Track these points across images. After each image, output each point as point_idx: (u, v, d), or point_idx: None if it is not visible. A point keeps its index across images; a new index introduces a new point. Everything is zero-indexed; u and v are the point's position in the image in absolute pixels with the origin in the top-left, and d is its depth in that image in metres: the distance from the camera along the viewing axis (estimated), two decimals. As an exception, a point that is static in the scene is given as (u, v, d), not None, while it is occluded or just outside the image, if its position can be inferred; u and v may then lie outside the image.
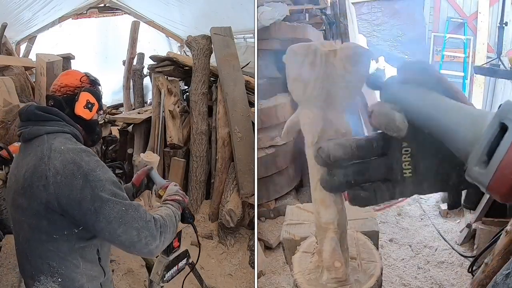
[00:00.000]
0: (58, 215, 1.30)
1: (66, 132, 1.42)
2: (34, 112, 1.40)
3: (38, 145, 1.35)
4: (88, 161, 1.31)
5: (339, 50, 0.71)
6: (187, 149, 3.97)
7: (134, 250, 1.37)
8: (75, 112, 1.49)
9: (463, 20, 6.72)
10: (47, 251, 1.36)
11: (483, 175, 0.47)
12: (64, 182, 1.27)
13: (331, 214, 0.80)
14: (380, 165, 0.64)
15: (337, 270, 0.80)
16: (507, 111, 0.46)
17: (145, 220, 1.35)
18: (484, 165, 0.47)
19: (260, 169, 3.35)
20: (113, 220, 1.29)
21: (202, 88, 3.78)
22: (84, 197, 1.26)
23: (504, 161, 0.44)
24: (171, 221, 1.51)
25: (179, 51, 6.43)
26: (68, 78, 1.53)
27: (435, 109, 0.54)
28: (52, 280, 1.37)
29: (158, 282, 2.16)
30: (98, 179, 1.29)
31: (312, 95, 0.73)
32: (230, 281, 3.14)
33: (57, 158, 1.29)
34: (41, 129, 1.38)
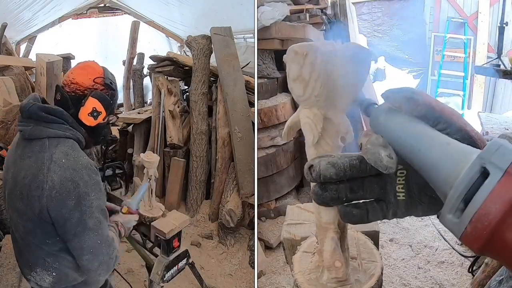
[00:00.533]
0: (50, 225, 1.33)
1: (68, 137, 1.37)
2: (37, 112, 1.34)
3: (39, 150, 1.32)
4: (86, 182, 1.31)
5: (340, 50, 0.71)
6: (187, 149, 3.97)
7: (84, 274, 1.43)
8: (78, 116, 1.43)
9: (463, 20, 6.72)
10: (41, 250, 1.39)
11: (455, 225, 0.41)
12: (57, 198, 1.28)
13: (332, 214, 0.80)
14: (374, 185, 0.61)
15: (338, 270, 0.80)
16: (491, 153, 0.40)
17: (110, 257, 1.41)
18: (458, 213, 0.41)
19: (260, 169, 3.35)
20: (86, 248, 1.34)
21: (202, 88, 3.78)
22: (71, 217, 1.29)
23: (479, 212, 0.39)
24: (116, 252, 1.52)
25: (179, 51, 6.42)
26: (81, 75, 1.45)
27: (418, 143, 0.50)
28: (47, 274, 1.41)
29: (158, 282, 2.16)
30: (89, 206, 1.31)
31: (313, 95, 0.73)
32: (230, 281, 3.14)
33: (57, 172, 1.28)
34: (43, 131, 1.33)
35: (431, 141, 0.48)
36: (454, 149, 0.46)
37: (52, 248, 1.38)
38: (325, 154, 0.64)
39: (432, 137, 0.49)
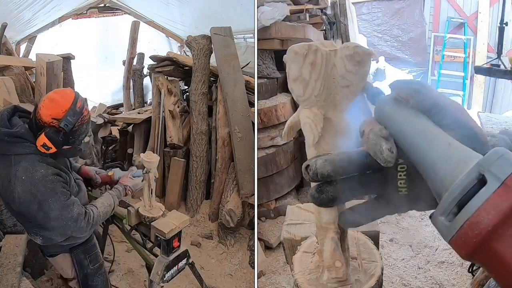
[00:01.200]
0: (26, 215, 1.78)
1: (30, 154, 1.70)
2: (2, 138, 1.67)
3: (8, 165, 1.69)
4: (42, 192, 1.69)
5: (340, 50, 0.71)
6: (187, 149, 3.97)
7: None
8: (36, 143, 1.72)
9: (463, 20, 6.73)
10: (29, 223, 1.85)
11: (446, 228, 0.42)
12: (24, 204, 1.70)
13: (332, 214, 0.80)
14: (374, 181, 0.59)
15: (338, 270, 0.80)
16: (491, 161, 0.40)
17: (79, 227, 1.83)
18: (451, 216, 0.41)
19: (260, 169, 3.35)
20: (55, 229, 1.80)
21: (202, 88, 3.78)
22: (37, 216, 1.73)
23: (471, 219, 0.39)
24: (104, 212, 1.97)
25: (179, 51, 6.42)
26: (46, 109, 1.69)
27: (419, 139, 0.49)
28: (37, 237, 1.89)
29: (158, 282, 2.16)
30: (49, 207, 1.70)
31: (313, 95, 0.73)
32: (230, 281, 3.14)
33: (19, 186, 1.67)
34: (9, 149, 1.69)
35: (433, 139, 0.48)
36: (455, 150, 0.45)
37: (34, 225, 1.84)
38: (323, 153, 0.63)
39: (435, 135, 0.48)
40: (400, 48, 7.39)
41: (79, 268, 2.08)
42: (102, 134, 4.88)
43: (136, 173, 2.19)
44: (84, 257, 2.09)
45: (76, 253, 2.05)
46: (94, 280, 2.15)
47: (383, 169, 0.56)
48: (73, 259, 2.06)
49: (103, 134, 4.88)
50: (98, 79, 6.43)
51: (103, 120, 5.05)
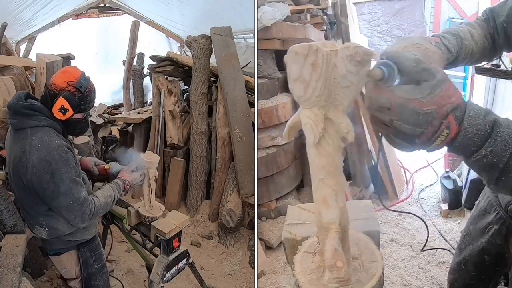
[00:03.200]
0: (35, 192, 1.78)
1: (45, 126, 1.77)
2: (19, 109, 1.77)
3: (23, 138, 1.75)
4: (57, 160, 1.73)
5: (341, 50, 0.71)
6: (187, 149, 3.97)
7: (70, 225, 1.91)
8: (52, 111, 1.80)
9: (463, 20, 6.72)
10: (34, 211, 1.88)
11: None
12: (37, 174, 1.72)
13: (333, 214, 0.80)
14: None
15: (339, 270, 0.80)
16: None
17: (83, 212, 1.83)
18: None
19: (261, 169, 3.35)
20: (61, 207, 1.80)
21: (202, 88, 3.78)
22: (48, 187, 1.74)
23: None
24: (105, 203, 1.95)
25: (179, 51, 6.42)
26: (60, 78, 1.84)
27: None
28: (42, 228, 1.92)
29: (158, 282, 2.16)
30: (60, 178, 1.74)
31: (313, 95, 0.73)
32: (230, 281, 3.13)
33: (35, 154, 1.71)
34: (25, 123, 1.76)
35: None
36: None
37: (41, 209, 1.85)
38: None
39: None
40: (401, 48, 7.38)
41: (84, 266, 2.09)
42: (102, 134, 4.88)
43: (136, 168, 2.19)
44: (90, 256, 2.10)
45: (82, 251, 2.07)
46: (97, 280, 2.16)
47: None
48: (79, 257, 2.07)
49: (103, 134, 4.88)
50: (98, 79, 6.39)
51: (103, 120, 5.05)
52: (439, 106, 0.75)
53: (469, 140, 0.77)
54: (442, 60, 1.11)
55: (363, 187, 4.02)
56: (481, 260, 1.56)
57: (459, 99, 0.77)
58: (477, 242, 1.56)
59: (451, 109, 0.76)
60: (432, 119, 0.75)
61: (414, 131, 0.76)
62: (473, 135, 0.76)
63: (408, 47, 0.99)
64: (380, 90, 0.78)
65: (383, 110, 0.78)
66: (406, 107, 0.75)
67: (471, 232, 1.62)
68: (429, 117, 0.75)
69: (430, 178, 4.54)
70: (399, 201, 4.08)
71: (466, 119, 0.76)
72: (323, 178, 0.80)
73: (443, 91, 0.75)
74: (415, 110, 0.75)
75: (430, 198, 4.14)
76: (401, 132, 0.77)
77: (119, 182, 2.07)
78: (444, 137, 0.77)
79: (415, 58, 0.77)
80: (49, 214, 1.87)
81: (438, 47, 1.12)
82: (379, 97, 0.78)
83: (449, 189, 3.74)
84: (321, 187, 0.81)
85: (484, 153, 0.77)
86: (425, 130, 0.76)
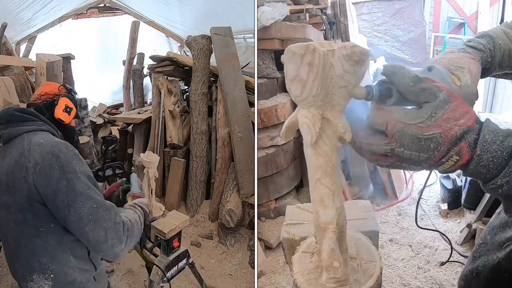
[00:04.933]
0: (41, 206, 1.34)
1: (44, 130, 1.48)
2: (13, 113, 1.47)
3: (19, 142, 1.40)
4: (65, 153, 1.36)
5: (337, 50, 0.71)
6: (187, 149, 3.97)
7: (99, 251, 1.39)
8: (54, 115, 1.59)
9: (463, 20, 6.72)
10: (36, 247, 1.38)
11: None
12: (42, 172, 1.31)
13: (330, 214, 0.80)
14: None
15: (336, 270, 0.80)
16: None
17: (114, 222, 1.37)
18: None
19: (260, 169, 3.35)
20: (84, 216, 1.31)
21: (202, 88, 3.78)
22: (59, 188, 1.30)
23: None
24: (137, 226, 1.53)
25: (179, 51, 6.43)
26: (47, 88, 1.66)
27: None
28: (45, 277, 1.39)
29: (158, 282, 2.16)
30: (74, 171, 1.33)
31: (310, 95, 0.73)
32: (230, 281, 3.14)
33: (37, 150, 1.35)
34: (21, 129, 1.44)
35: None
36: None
37: (47, 240, 1.37)
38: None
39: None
40: (400, 48, 7.39)
41: None
42: (102, 134, 4.89)
43: (132, 178, 2.00)
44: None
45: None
46: None
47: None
48: None
49: (103, 134, 4.89)
50: (98, 79, 6.45)
51: (103, 120, 5.06)
52: (445, 130, 0.67)
53: (483, 168, 0.69)
54: (475, 62, 1.01)
55: (362, 187, 4.02)
56: (495, 275, 1.45)
57: (470, 121, 0.68)
58: (493, 255, 1.44)
59: (460, 133, 0.67)
60: (438, 144, 0.68)
61: (419, 157, 0.69)
62: (488, 162, 0.68)
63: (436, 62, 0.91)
64: (379, 110, 0.73)
65: (380, 138, 0.71)
66: (405, 132, 0.68)
67: (487, 243, 1.51)
68: (433, 142, 0.67)
69: (430, 178, 4.53)
70: (399, 201, 4.08)
71: (480, 145, 0.68)
72: (320, 178, 0.80)
73: (448, 113, 0.68)
74: (415, 135, 0.68)
75: (430, 198, 4.14)
76: (404, 159, 0.70)
77: (138, 207, 1.69)
78: (454, 163, 0.69)
79: (413, 76, 0.70)
80: (56, 252, 1.39)
81: (464, 51, 1.04)
82: (376, 116, 0.72)
83: (449, 189, 3.75)
84: (318, 187, 0.81)
85: (499, 183, 0.68)
86: (431, 155, 0.68)
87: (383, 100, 0.74)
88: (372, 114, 0.73)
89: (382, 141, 0.71)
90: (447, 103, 0.68)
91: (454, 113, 0.68)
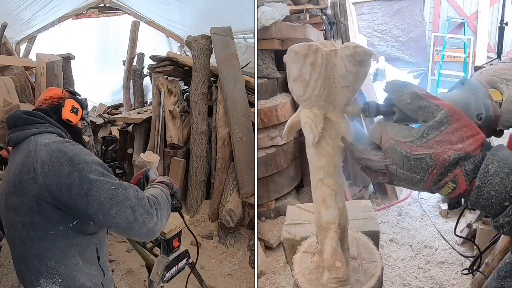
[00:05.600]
0: (50, 208, 1.30)
1: (51, 132, 1.47)
2: (21, 116, 1.47)
3: (26, 145, 1.39)
4: (72, 148, 1.34)
5: (340, 50, 0.71)
6: (187, 149, 3.97)
7: (133, 232, 1.31)
8: (62, 117, 1.58)
9: (463, 20, 6.72)
10: (44, 250, 1.34)
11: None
12: (51, 170, 1.28)
13: (332, 214, 0.80)
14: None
15: (338, 270, 0.80)
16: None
17: (137, 198, 1.31)
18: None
19: (260, 169, 3.35)
20: (105, 200, 1.26)
21: (202, 88, 3.78)
22: (72, 181, 1.26)
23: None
24: (162, 198, 1.46)
25: (179, 51, 6.42)
26: (51, 92, 1.66)
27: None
28: (52, 282, 1.35)
29: (158, 282, 2.16)
30: (84, 162, 1.29)
31: (313, 95, 0.73)
32: (230, 281, 3.13)
33: (43, 150, 1.32)
34: (28, 132, 1.43)
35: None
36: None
37: (55, 243, 1.33)
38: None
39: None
40: (400, 48, 7.39)
41: None
42: (102, 134, 4.88)
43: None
44: None
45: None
46: None
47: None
48: None
49: (103, 134, 4.89)
50: (98, 79, 6.45)
51: (103, 120, 5.06)
52: (436, 153, 0.63)
53: (486, 201, 0.61)
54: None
55: (362, 187, 4.02)
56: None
57: (471, 147, 0.62)
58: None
59: (455, 159, 0.62)
60: (428, 166, 0.63)
61: (411, 177, 0.66)
62: (490, 196, 0.61)
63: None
64: (378, 124, 0.72)
65: (376, 155, 0.71)
66: (395, 149, 0.66)
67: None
68: (422, 163, 0.64)
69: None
70: (399, 201, 4.08)
71: (480, 176, 0.61)
72: (322, 178, 0.80)
73: (443, 135, 0.63)
74: (405, 154, 0.65)
75: (430, 198, 4.14)
76: (399, 177, 0.68)
77: (157, 183, 1.62)
78: (451, 190, 0.64)
79: (411, 93, 0.66)
80: (65, 255, 1.35)
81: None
82: (373, 130, 0.72)
83: (449, 189, 3.75)
84: (320, 187, 0.81)
85: (501, 222, 0.61)
86: (423, 177, 0.65)
87: (387, 116, 0.73)
88: (372, 127, 0.72)
89: (377, 157, 0.70)
90: (443, 124, 0.64)
91: (451, 136, 0.63)
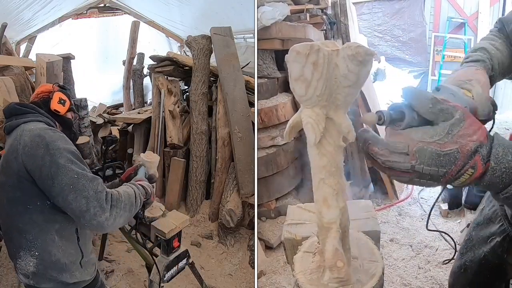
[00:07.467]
0: (28, 184, 1.46)
1: (40, 121, 1.63)
2: (14, 107, 1.66)
3: (16, 132, 1.57)
4: (51, 135, 1.50)
5: (342, 50, 0.71)
6: (187, 149, 3.97)
7: (84, 221, 1.43)
8: (51, 108, 1.75)
9: (463, 20, 6.72)
10: (24, 223, 1.50)
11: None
12: (30, 152, 1.45)
13: (334, 213, 0.80)
14: None
15: (340, 270, 0.80)
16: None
17: (95, 191, 1.43)
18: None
19: (261, 169, 3.35)
20: (65, 186, 1.41)
21: (202, 88, 3.78)
22: (44, 163, 1.43)
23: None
24: (128, 198, 1.56)
25: (179, 51, 6.43)
26: (43, 87, 1.84)
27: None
28: (30, 254, 1.50)
29: (158, 282, 2.16)
30: (57, 148, 1.46)
31: (315, 95, 0.73)
32: (230, 281, 3.13)
33: (27, 135, 1.50)
34: (20, 121, 1.60)
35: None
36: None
37: (33, 218, 1.48)
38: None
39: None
40: (401, 48, 7.39)
41: None
42: (102, 134, 4.88)
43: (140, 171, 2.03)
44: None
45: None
46: None
47: None
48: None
49: (103, 134, 4.89)
50: (98, 79, 6.45)
51: (103, 120, 5.06)
52: (461, 146, 0.73)
53: (497, 179, 0.75)
54: (481, 71, 1.11)
55: (363, 187, 4.02)
56: (481, 268, 1.53)
57: (482, 136, 0.75)
58: (479, 250, 1.54)
59: (475, 148, 0.74)
60: (455, 159, 0.74)
61: (438, 172, 0.75)
62: (501, 173, 0.74)
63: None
64: (397, 135, 0.77)
65: (401, 156, 0.76)
66: (425, 151, 0.74)
67: (473, 238, 1.61)
68: (451, 157, 0.74)
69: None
70: (399, 201, 4.08)
71: (493, 158, 0.74)
72: (324, 178, 0.80)
73: (463, 130, 0.74)
74: (435, 152, 0.74)
75: (430, 198, 4.14)
76: (424, 174, 0.76)
77: (136, 185, 1.73)
78: (469, 176, 0.75)
79: (431, 98, 0.75)
80: (42, 230, 1.49)
81: (467, 66, 1.13)
82: (397, 142, 0.76)
83: (449, 189, 3.75)
84: (322, 187, 0.81)
85: (510, 193, 0.75)
86: (449, 170, 0.74)
87: (395, 123, 0.78)
88: (391, 139, 0.77)
89: (402, 159, 0.76)
90: (462, 121, 0.75)
91: (468, 129, 0.74)
